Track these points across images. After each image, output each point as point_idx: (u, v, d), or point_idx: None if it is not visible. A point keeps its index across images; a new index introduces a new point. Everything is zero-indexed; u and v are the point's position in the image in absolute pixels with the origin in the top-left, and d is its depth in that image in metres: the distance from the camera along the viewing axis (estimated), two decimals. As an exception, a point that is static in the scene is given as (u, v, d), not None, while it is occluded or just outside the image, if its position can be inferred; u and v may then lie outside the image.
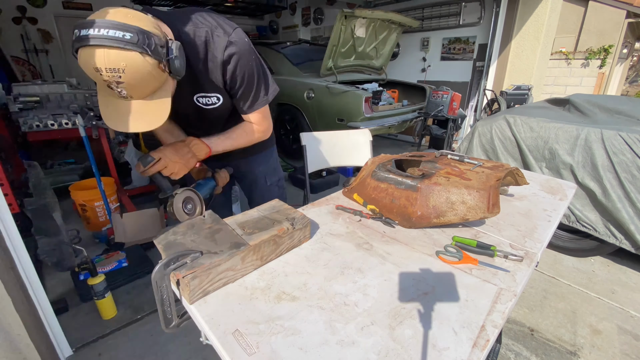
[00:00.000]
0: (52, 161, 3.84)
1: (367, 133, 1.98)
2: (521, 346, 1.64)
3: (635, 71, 9.70)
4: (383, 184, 1.05)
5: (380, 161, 1.17)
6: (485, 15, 4.73)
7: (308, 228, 0.88)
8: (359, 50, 4.19)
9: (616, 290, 2.04)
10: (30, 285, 1.37)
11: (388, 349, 0.56)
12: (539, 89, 4.80)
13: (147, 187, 3.30)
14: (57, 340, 1.50)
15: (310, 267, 0.78)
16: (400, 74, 5.83)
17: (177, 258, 0.67)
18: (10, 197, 1.93)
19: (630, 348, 1.62)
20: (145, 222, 2.49)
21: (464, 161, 1.17)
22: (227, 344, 0.56)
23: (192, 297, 0.66)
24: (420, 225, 0.95)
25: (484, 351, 0.56)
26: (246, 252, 0.73)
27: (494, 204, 0.89)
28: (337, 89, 3.70)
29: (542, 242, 0.92)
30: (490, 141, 2.48)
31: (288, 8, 7.44)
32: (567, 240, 2.36)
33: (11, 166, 2.85)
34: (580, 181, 2.06)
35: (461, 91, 4.31)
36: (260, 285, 0.72)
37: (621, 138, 1.91)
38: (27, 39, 5.37)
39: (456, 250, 0.84)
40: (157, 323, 1.73)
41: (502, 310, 0.65)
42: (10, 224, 1.28)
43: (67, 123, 2.88)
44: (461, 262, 0.80)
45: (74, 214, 2.87)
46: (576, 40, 5.99)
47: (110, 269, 2.05)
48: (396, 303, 0.67)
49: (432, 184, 0.96)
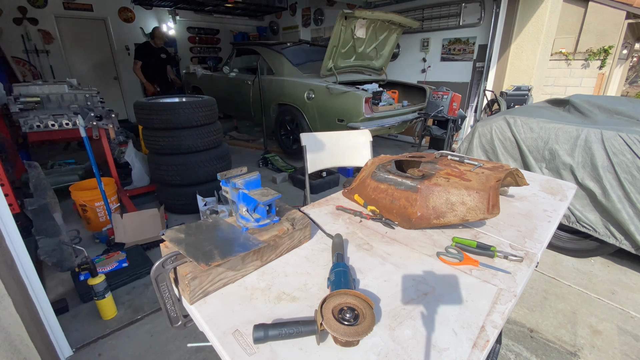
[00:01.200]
0: (53, 161, 3.84)
1: (367, 133, 1.98)
2: (521, 347, 1.64)
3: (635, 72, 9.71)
4: (383, 185, 1.06)
5: (380, 162, 1.17)
6: (485, 16, 4.73)
7: (308, 228, 0.88)
8: (359, 51, 4.19)
9: (616, 290, 2.04)
10: (30, 286, 1.37)
11: (388, 349, 0.56)
12: (539, 90, 4.80)
13: (147, 187, 3.31)
14: (57, 341, 1.50)
15: (310, 268, 0.78)
16: (401, 75, 5.84)
17: (175, 256, 0.68)
18: (11, 197, 1.93)
19: (630, 349, 1.62)
20: (145, 222, 2.49)
21: (464, 162, 1.17)
22: (228, 344, 0.57)
23: (192, 298, 0.66)
24: (420, 226, 0.95)
25: (484, 352, 0.56)
26: (246, 253, 0.74)
27: (494, 204, 0.89)
28: (337, 90, 3.70)
29: (542, 242, 0.92)
30: (490, 142, 2.48)
31: (288, 9, 7.46)
32: (567, 241, 2.36)
33: (12, 166, 2.85)
34: (580, 182, 2.06)
35: (461, 92, 4.32)
36: (261, 286, 0.72)
37: (621, 139, 1.91)
38: (28, 39, 5.38)
39: (457, 251, 0.84)
40: (158, 323, 1.74)
41: (502, 311, 0.65)
42: (11, 224, 1.28)
43: (68, 123, 2.88)
44: (462, 264, 0.80)
45: (74, 214, 2.87)
46: (576, 41, 5.99)
47: (110, 269, 2.05)
48: (396, 304, 0.67)
49: (432, 185, 0.96)
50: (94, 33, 6.10)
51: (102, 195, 2.49)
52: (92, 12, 5.93)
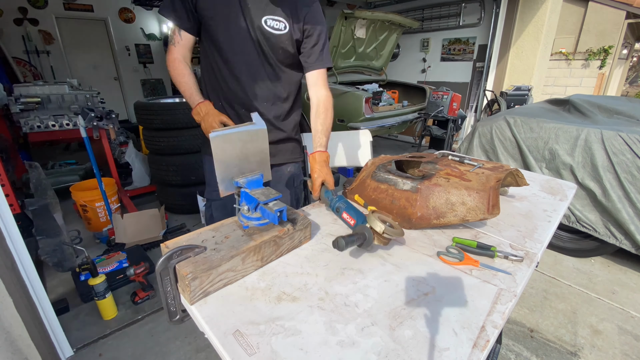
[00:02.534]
0: (53, 162, 3.84)
1: (368, 133, 1.98)
2: (521, 346, 1.64)
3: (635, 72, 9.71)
4: (383, 185, 1.06)
5: (380, 162, 1.17)
6: (485, 16, 4.73)
7: (309, 229, 0.88)
8: (359, 51, 4.19)
9: (616, 290, 2.04)
10: (31, 286, 1.37)
11: (388, 349, 0.56)
12: (539, 90, 4.80)
13: (148, 187, 3.31)
14: (58, 341, 1.51)
15: (311, 268, 0.78)
16: (401, 75, 5.84)
17: (181, 251, 0.68)
18: (12, 197, 1.94)
19: (630, 348, 1.62)
20: (145, 222, 2.49)
21: (464, 162, 1.17)
22: (228, 345, 0.57)
23: (192, 298, 0.66)
24: (420, 226, 0.95)
25: (484, 352, 0.56)
26: (247, 253, 0.74)
27: (494, 205, 0.89)
28: (337, 90, 3.71)
29: (543, 242, 0.92)
30: (490, 142, 2.48)
31: (288, 9, 7.45)
32: (568, 241, 2.36)
33: (12, 167, 2.85)
34: (580, 181, 2.06)
35: (461, 92, 4.32)
36: (261, 286, 0.72)
37: (621, 138, 1.91)
38: (28, 40, 5.38)
39: (457, 251, 0.84)
40: (158, 323, 1.74)
41: (502, 311, 0.65)
42: (12, 225, 1.28)
43: (68, 124, 2.89)
44: (462, 263, 0.81)
45: (74, 214, 2.87)
46: (576, 40, 5.99)
47: (111, 269, 2.05)
48: (396, 304, 0.67)
49: (432, 185, 0.96)
50: (94, 33, 6.10)
51: (102, 196, 2.49)
52: (93, 13, 5.93)
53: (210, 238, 0.78)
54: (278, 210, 0.75)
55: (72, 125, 2.89)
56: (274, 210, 0.75)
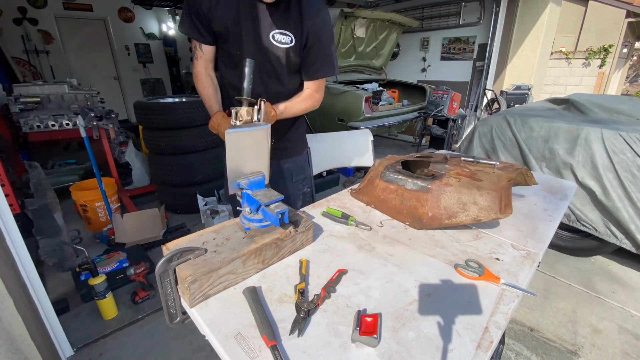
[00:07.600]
0: (53, 162, 3.84)
1: (368, 133, 1.98)
2: (522, 345, 1.64)
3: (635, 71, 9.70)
4: (392, 185, 1.05)
5: (389, 162, 1.17)
6: (485, 15, 4.72)
7: (311, 231, 0.88)
8: (359, 50, 4.19)
9: (616, 289, 2.04)
10: (31, 286, 1.37)
11: (392, 351, 0.56)
12: (539, 89, 4.80)
13: (148, 187, 3.30)
14: (58, 340, 1.50)
15: (312, 269, 0.78)
16: (400, 74, 5.83)
17: (181, 253, 0.68)
18: (12, 197, 1.93)
19: (630, 347, 1.62)
20: (146, 222, 2.49)
21: (479, 162, 1.15)
22: (229, 348, 0.56)
23: (192, 301, 0.66)
24: (431, 226, 0.95)
25: (488, 352, 0.56)
26: (247, 256, 0.73)
27: (507, 204, 0.88)
28: (337, 89, 3.70)
29: (544, 242, 0.92)
30: (490, 141, 2.48)
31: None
32: (568, 240, 2.36)
33: (12, 167, 2.85)
34: (580, 181, 2.06)
35: (461, 91, 4.30)
36: (262, 288, 0.72)
37: (621, 137, 1.91)
38: (28, 39, 5.36)
39: (478, 265, 0.79)
40: (158, 323, 1.74)
41: (505, 312, 0.65)
42: (12, 225, 1.28)
43: (68, 123, 2.88)
44: (482, 278, 0.75)
45: (74, 214, 2.86)
46: (576, 39, 5.99)
47: (111, 269, 2.04)
48: (399, 305, 0.67)
49: (443, 185, 0.96)
50: (94, 33, 6.08)
51: (102, 195, 2.49)
52: (92, 12, 5.91)
53: (212, 240, 0.78)
54: (280, 212, 0.74)
55: (71, 125, 2.88)
56: (276, 212, 0.74)
